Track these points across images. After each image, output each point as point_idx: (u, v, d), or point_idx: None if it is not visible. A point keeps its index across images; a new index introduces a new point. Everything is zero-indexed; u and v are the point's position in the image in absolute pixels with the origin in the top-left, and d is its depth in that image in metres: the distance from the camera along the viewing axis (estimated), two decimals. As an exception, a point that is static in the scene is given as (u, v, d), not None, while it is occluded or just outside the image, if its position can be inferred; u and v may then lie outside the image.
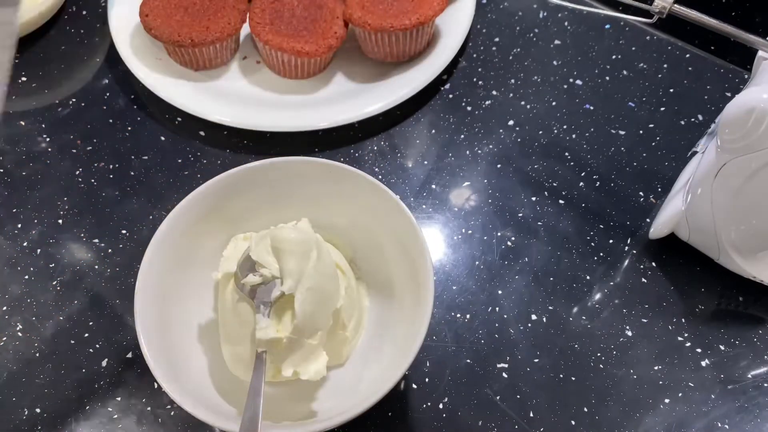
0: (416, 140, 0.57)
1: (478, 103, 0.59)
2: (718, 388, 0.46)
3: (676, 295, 0.49)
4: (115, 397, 0.45)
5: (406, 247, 0.44)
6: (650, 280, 0.50)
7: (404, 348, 0.40)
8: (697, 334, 0.48)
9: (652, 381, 0.46)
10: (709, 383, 0.46)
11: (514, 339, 0.48)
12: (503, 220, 0.53)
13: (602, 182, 0.55)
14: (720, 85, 0.59)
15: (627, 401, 0.45)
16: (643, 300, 0.49)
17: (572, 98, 0.59)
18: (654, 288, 0.50)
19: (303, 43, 0.55)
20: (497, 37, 0.62)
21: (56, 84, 0.60)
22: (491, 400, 0.46)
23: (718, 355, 0.47)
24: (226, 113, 0.55)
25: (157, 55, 0.58)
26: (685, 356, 0.47)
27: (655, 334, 0.48)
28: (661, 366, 0.46)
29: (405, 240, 0.44)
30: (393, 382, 0.38)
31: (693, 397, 0.45)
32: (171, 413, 0.45)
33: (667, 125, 0.57)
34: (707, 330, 0.48)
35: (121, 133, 0.57)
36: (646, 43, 0.61)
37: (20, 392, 0.46)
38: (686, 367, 0.46)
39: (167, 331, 0.42)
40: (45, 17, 0.61)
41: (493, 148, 0.56)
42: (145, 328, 0.40)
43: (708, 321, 0.48)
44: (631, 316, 0.48)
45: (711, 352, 0.47)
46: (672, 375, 0.46)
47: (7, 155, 0.56)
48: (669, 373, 0.46)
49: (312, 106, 0.57)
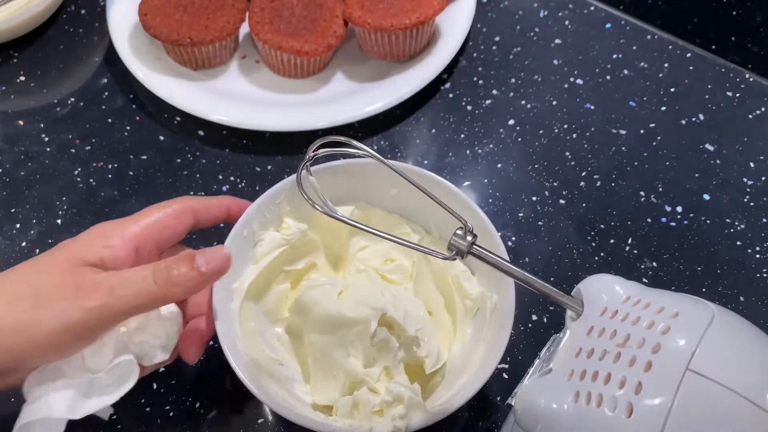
0: (416, 140, 0.57)
1: (479, 102, 0.58)
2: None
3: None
4: (114, 397, 0.45)
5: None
6: (651, 281, 0.50)
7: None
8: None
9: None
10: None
11: (514, 339, 0.48)
12: (503, 220, 0.53)
13: (602, 182, 0.54)
14: (721, 84, 0.59)
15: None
16: (643, 300, 0.49)
17: (573, 97, 0.59)
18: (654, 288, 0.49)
19: (302, 43, 0.55)
20: (497, 36, 0.62)
21: (55, 83, 0.59)
22: (492, 401, 0.45)
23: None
24: (226, 113, 0.55)
25: (156, 54, 0.58)
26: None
27: (655, 334, 0.48)
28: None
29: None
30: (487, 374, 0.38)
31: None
32: (170, 414, 0.45)
33: (668, 125, 0.57)
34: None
35: (119, 133, 0.57)
36: (647, 43, 0.61)
37: (19, 392, 0.45)
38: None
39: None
40: (43, 16, 0.61)
41: (494, 147, 0.56)
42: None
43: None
44: (631, 316, 0.48)
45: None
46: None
47: (6, 155, 0.55)
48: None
49: (312, 105, 0.57)
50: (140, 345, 0.37)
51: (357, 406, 0.40)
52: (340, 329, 0.41)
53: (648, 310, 0.31)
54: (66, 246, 0.36)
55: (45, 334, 0.33)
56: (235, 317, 0.41)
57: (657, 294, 0.32)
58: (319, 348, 0.42)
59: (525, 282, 0.35)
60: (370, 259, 0.46)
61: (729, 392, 0.28)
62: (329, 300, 0.41)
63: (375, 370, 0.41)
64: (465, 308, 0.43)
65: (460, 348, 0.43)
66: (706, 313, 0.30)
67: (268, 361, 0.42)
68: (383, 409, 0.39)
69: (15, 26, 0.59)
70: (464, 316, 0.43)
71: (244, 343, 0.40)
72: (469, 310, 0.43)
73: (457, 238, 0.35)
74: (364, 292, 0.42)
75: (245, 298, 0.42)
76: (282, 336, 0.44)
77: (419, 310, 0.43)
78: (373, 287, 0.43)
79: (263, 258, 0.43)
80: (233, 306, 0.41)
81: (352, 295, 0.41)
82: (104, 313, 0.34)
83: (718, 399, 0.28)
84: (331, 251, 0.47)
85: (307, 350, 0.43)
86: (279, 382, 0.41)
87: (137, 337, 0.37)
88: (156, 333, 0.38)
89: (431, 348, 0.42)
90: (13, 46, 0.61)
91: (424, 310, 0.44)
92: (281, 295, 0.45)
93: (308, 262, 0.46)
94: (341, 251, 0.47)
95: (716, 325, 0.29)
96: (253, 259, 0.43)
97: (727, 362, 0.29)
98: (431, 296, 0.45)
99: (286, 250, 0.44)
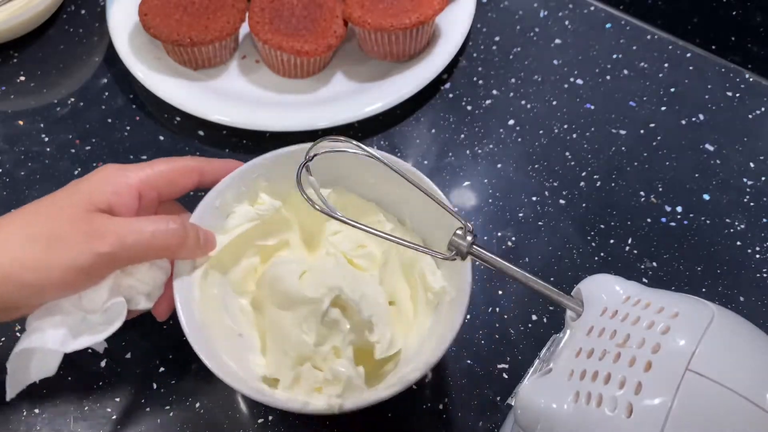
0: (416, 140, 0.57)
1: (479, 102, 0.58)
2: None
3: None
4: (115, 397, 0.45)
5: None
6: (651, 281, 0.50)
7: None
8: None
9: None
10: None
11: (515, 339, 0.48)
12: (503, 220, 0.53)
13: (602, 182, 0.54)
14: (721, 84, 0.59)
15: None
16: (643, 300, 0.49)
17: (573, 98, 0.59)
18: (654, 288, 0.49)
19: (302, 43, 0.55)
20: (497, 36, 0.62)
21: (55, 83, 0.59)
22: (492, 401, 0.45)
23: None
24: (225, 113, 0.55)
25: (156, 54, 0.58)
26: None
27: (655, 334, 0.48)
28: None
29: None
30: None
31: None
32: (170, 414, 0.45)
33: (668, 125, 0.57)
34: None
35: (119, 133, 0.57)
36: (647, 43, 0.61)
37: (19, 392, 0.45)
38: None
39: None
40: (43, 16, 0.61)
41: (494, 147, 0.56)
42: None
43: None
44: (631, 316, 0.48)
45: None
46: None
47: (6, 155, 0.55)
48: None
49: (311, 105, 0.57)
50: (128, 289, 0.40)
51: (299, 380, 0.41)
52: (296, 307, 0.42)
53: (648, 310, 0.31)
54: (77, 189, 0.39)
55: (60, 273, 0.36)
56: (196, 283, 0.42)
57: (657, 294, 0.32)
58: (276, 323, 0.42)
59: (525, 282, 0.35)
60: (342, 243, 0.46)
61: (729, 392, 0.28)
62: (291, 278, 0.42)
63: (323, 348, 0.41)
64: (427, 301, 0.44)
65: (417, 339, 0.43)
66: (706, 313, 0.30)
67: (226, 330, 0.42)
68: (323, 386, 0.40)
69: (15, 26, 0.59)
70: (425, 308, 0.44)
71: (202, 310, 0.41)
72: (430, 303, 0.44)
73: (457, 238, 0.35)
74: (326, 274, 0.42)
75: (211, 266, 0.43)
76: (246, 308, 0.45)
77: (378, 297, 0.44)
78: (336, 270, 0.43)
79: (233, 230, 0.44)
80: (196, 273, 0.42)
81: (314, 275, 0.43)
82: (113, 259, 0.37)
83: (718, 399, 0.28)
84: (306, 231, 0.48)
85: (266, 324, 0.44)
86: (233, 352, 0.41)
87: (126, 281, 0.39)
88: (144, 279, 0.40)
89: (384, 334, 0.42)
90: (13, 46, 0.61)
91: (384, 298, 0.44)
92: (250, 269, 0.46)
93: (281, 240, 0.47)
94: (316, 233, 0.48)
95: (716, 326, 0.29)
96: (224, 230, 0.44)
97: (727, 362, 0.29)
98: (397, 286, 0.46)
99: (258, 225, 0.45)
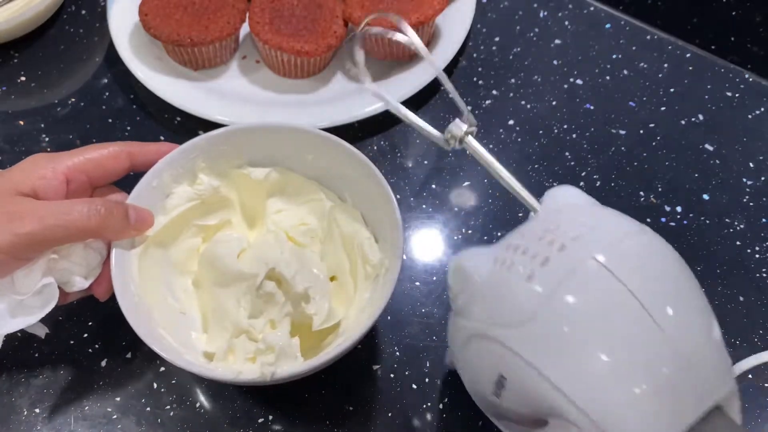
0: (416, 140, 0.57)
1: (479, 102, 0.59)
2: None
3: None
4: (115, 397, 0.45)
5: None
6: (650, 280, 0.50)
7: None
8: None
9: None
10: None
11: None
12: (503, 220, 0.53)
13: (602, 182, 0.54)
14: (720, 84, 0.59)
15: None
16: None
17: (572, 98, 0.59)
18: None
19: (303, 43, 0.55)
20: (497, 37, 0.62)
21: (55, 83, 0.60)
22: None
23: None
24: (226, 113, 0.55)
25: (156, 54, 0.58)
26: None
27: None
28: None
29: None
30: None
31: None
32: (170, 414, 0.45)
33: (667, 125, 0.57)
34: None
35: (120, 133, 0.57)
36: (647, 43, 0.61)
37: (19, 392, 0.46)
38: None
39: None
40: (44, 17, 0.61)
41: (493, 147, 0.56)
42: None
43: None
44: (631, 316, 0.48)
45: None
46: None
47: (6, 155, 0.55)
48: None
49: (312, 105, 0.57)
50: (62, 272, 0.40)
51: (233, 351, 0.41)
52: (234, 282, 0.42)
53: (587, 224, 0.32)
54: (4, 176, 0.40)
55: None
56: (134, 262, 0.42)
57: (608, 211, 0.34)
58: (216, 300, 0.43)
59: (507, 183, 0.37)
60: (283, 221, 0.47)
61: (625, 290, 0.29)
62: (229, 255, 0.43)
63: (259, 321, 0.42)
64: (365, 273, 0.44)
65: (356, 311, 0.44)
66: (636, 228, 0.32)
67: (168, 308, 0.43)
68: (256, 356, 0.40)
69: (15, 26, 0.59)
70: (364, 281, 0.44)
71: (141, 287, 0.41)
72: (368, 276, 0.44)
73: (454, 126, 0.36)
74: (264, 250, 0.43)
75: (150, 245, 0.43)
76: (188, 287, 0.46)
77: (318, 271, 0.44)
78: (275, 246, 0.44)
79: (173, 210, 0.44)
80: (133, 251, 0.42)
81: (253, 252, 0.43)
82: (33, 239, 0.37)
83: (612, 291, 0.30)
84: (248, 210, 0.48)
85: (207, 302, 0.44)
86: (175, 329, 0.42)
87: (61, 263, 0.40)
88: (77, 261, 0.41)
89: (321, 307, 0.42)
90: (13, 46, 0.61)
91: (324, 272, 0.45)
92: (192, 249, 0.46)
93: (222, 219, 0.47)
94: (258, 211, 0.48)
95: (643, 240, 0.32)
96: (163, 210, 0.44)
97: (636, 269, 0.30)
98: (338, 260, 0.46)
99: (198, 205, 0.45)
